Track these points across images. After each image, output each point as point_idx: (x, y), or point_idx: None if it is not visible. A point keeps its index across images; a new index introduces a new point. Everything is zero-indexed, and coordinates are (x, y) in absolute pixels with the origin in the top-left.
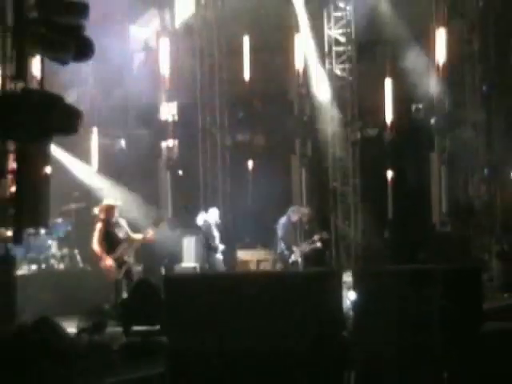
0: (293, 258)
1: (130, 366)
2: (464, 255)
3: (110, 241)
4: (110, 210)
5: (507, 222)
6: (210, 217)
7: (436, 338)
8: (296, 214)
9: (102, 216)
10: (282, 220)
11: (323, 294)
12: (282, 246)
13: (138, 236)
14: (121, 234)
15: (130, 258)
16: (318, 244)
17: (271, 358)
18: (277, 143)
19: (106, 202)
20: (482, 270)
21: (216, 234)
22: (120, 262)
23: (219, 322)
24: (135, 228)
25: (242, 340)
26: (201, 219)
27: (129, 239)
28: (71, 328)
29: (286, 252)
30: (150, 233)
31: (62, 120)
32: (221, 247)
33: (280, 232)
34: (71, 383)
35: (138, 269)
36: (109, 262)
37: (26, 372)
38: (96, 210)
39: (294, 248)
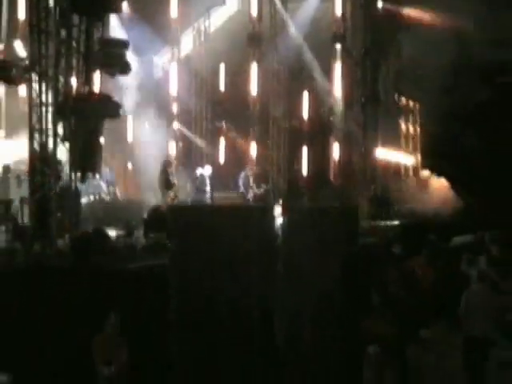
0: (248, 196)
1: (147, 257)
2: (349, 199)
3: (167, 183)
4: (169, 163)
5: (373, 179)
6: (204, 171)
7: (331, 247)
8: (250, 170)
9: (163, 167)
10: (242, 174)
11: (264, 218)
12: (242, 189)
13: None
14: (172, 180)
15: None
16: (267, 186)
17: (233, 257)
18: (239, 128)
19: (167, 158)
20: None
21: (207, 182)
22: (172, 198)
23: (202, 231)
24: None
25: (217, 240)
26: (198, 172)
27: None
28: (112, 234)
29: (245, 192)
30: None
31: (111, 109)
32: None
33: (240, 180)
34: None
35: None
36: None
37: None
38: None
39: (250, 190)
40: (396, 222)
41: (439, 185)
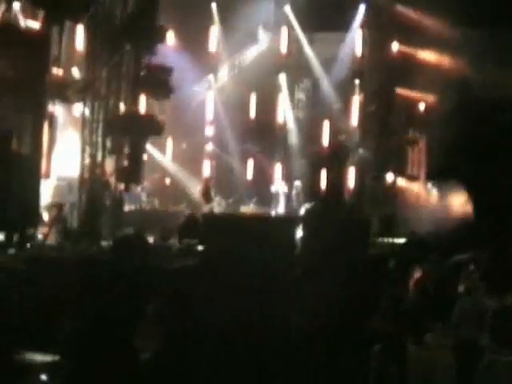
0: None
1: (181, 259)
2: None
3: (208, 196)
4: (209, 179)
5: (385, 200)
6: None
7: (345, 256)
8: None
9: (205, 183)
10: (294, 191)
11: (290, 227)
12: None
13: None
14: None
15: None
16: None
17: (260, 260)
18: (266, 150)
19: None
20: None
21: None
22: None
23: (230, 236)
24: None
25: (244, 247)
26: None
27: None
28: (150, 239)
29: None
30: None
31: (154, 128)
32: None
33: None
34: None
35: None
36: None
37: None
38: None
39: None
40: (400, 240)
41: (441, 206)
